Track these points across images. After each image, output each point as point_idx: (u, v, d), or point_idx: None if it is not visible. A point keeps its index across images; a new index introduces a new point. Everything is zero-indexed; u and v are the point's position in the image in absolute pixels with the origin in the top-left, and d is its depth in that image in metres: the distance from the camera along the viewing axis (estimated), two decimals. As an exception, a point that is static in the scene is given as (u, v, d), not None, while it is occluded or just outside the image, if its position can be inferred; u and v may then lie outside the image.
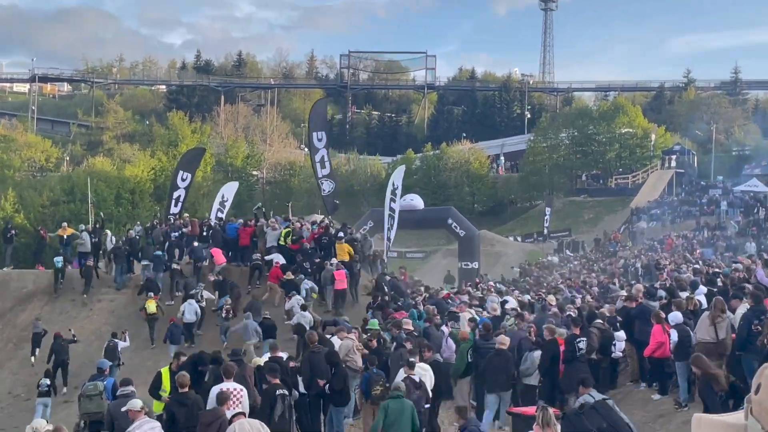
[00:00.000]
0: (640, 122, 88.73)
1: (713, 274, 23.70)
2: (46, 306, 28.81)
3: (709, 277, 22.64)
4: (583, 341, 16.15)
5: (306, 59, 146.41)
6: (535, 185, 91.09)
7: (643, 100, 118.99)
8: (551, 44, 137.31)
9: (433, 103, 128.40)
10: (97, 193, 59.63)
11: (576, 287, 32.55)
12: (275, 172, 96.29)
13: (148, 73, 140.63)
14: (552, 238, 68.22)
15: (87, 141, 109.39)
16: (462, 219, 48.38)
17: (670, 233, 55.13)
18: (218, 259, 29.93)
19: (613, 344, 17.50)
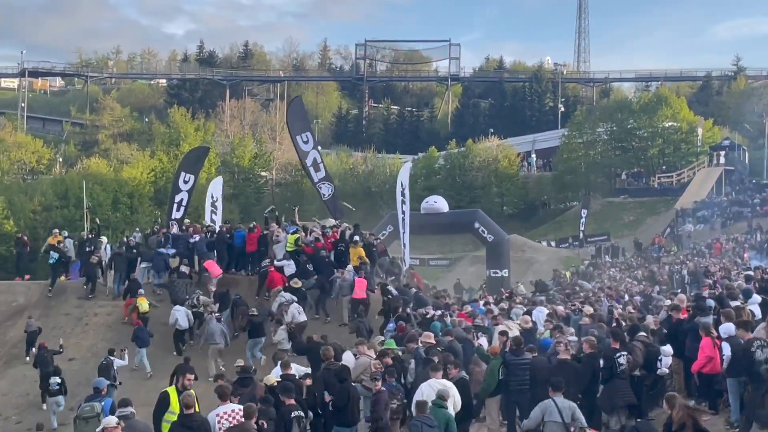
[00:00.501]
0: (685, 115, 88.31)
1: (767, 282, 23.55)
2: (38, 321, 28.86)
3: (763, 285, 22.50)
4: (624, 356, 16.07)
5: (318, 50, 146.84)
6: (570, 185, 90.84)
7: (688, 90, 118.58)
8: (586, 30, 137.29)
9: (458, 96, 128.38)
10: (92, 198, 59.95)
11: (615, 297, 32.42)
12: (285, 172, 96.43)
13: (146, 66, 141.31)
14: (589, 243, 67.99)
15: (81, 140, 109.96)
16: (490, 223, 48.26)
17: (718, 237, 54.88)
18: (213, 271, 30.03)
19: (659, 359, 17.39)
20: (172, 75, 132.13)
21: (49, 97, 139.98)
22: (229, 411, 12.74)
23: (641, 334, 17.75)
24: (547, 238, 75.96)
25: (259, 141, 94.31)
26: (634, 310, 26.11)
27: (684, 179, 80.00)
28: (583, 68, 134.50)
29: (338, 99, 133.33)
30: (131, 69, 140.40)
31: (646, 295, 32.59)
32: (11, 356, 28.69)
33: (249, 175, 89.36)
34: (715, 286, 26.52)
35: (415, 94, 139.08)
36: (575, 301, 29.53)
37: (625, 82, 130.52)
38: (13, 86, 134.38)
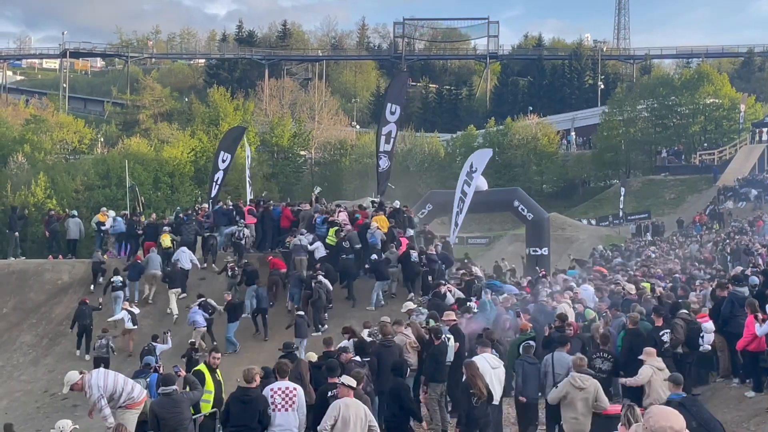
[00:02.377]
0: (727, 92, 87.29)
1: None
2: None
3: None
4: (667, 333, 15.98)
5: (357, 28, 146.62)
6: (610, 163, 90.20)
7: (730, 67, 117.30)
8: (626, 7, 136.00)
9: (497, 74, 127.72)
10: (134, 177, 60.35)
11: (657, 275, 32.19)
12: (324, 151, 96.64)
13: (186, 46, 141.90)
14: (629, 221, 67.56)
15: (122, 120, 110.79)
16: (529, 201, 47.91)
17: (761, 214, 54.26)
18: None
19: (701, 336, 17.26)
20: (211, 55, 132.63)
21: (90, 77, 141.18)
22: (283, 387, 12.73)
23: (683, 312, 17.64)
24: (587, 216, 75.56)
25: (298, 120, 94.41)
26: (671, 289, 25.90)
27: (726, 156, 79.14)
28: (624, 45, 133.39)
29: (376, 78, 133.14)
30: (171, 49, 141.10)
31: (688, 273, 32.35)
32: (57, 333, 29.11)
33: (288, 154, 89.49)
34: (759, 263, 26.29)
35: (454, 72, 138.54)
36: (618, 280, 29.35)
37: (666, 59, 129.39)
38: (55, 67, 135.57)
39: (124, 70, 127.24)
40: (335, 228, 30.09)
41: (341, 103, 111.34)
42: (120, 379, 13.89)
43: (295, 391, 12.69)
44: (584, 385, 12.85)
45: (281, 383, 12.83)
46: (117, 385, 13.60)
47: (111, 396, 13.40)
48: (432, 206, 44.12)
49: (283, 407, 12.49)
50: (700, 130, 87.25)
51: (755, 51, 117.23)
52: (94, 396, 13.33)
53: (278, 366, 13.36)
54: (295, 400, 12.61)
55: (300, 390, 12.81)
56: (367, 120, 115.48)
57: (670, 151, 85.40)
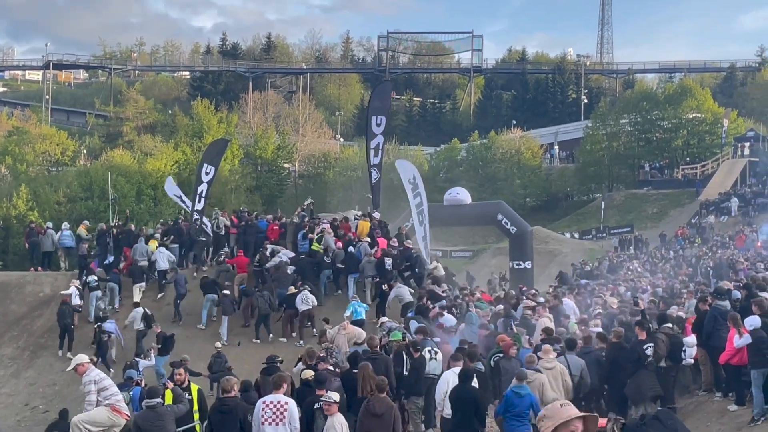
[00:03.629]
0: (710, 106, 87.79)
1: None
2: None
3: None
4: (651, 347, 16.03)
5: (341, 41, 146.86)
6: (593, 177, 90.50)
7: (713, 82, 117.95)
8: (610, 21, 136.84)
9: (480, 87, 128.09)
10: (117, 189, 60.15)
11: (640, 288, 32.31)
12: (308, 164, 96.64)
13: (170, 58, 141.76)
14: (613, 235, 67.78)
15: (105, 132, 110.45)
16: (513, 214, 48.04)
17: (743, 228, 54.51)
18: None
19: (683, 350, 17.33)
20: (195, 67, 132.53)
21: (73, 89, 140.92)
22: (275, 401, 12.65)
23: (666, 326, 17.72)
24: (570, 230, 75.75)
25: (282, 133, 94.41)
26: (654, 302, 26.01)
27: (708, 171, 79.48)
28: (607, 59, 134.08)
29: (360, 91, 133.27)
30: (155, 61, 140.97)
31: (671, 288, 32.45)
32: (38, 346, 28.94)
33: (272, 166, 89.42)
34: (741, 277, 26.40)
35: (438, 86, 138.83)
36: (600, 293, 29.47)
37: (649, 74, 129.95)
38: (38, 78, 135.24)
39: (108, 82, 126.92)
40: (320, 235, 30.18)
41: (325, 116, 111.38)
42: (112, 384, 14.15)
43: (286, 405, 12.62)
44: (530, 378, 14.13)
45: (274, 396, 12.79)
46: (109, 385, 13.79)
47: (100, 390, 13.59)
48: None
49: (273, 421, 12.43)
50: (682, 145, 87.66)
51: (737, 66, 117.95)
52: (89, 382, 13.64)
53: (275, 378, 13.36)
54: (286, 414, 12.54)
55: (292, 404, 12.72)
56: (351, 133, 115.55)
57: (653, 165, 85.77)
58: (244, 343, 27.00)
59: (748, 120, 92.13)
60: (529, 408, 13.27)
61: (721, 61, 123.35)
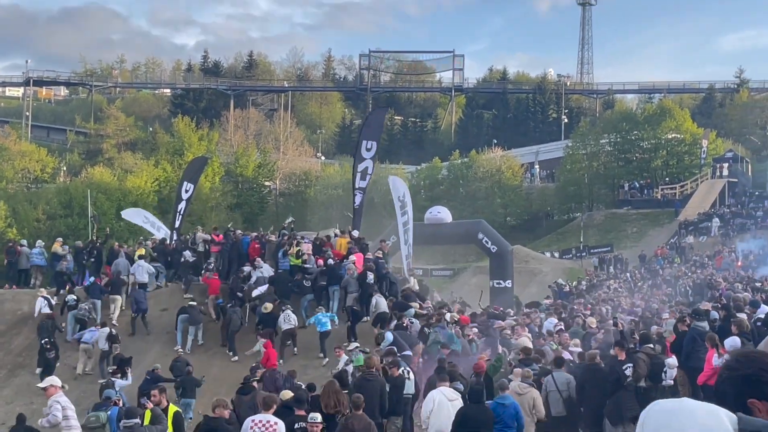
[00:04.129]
0: (689, 127, 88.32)
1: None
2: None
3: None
4: (630, 368, 16.06)
5: (322, 60, 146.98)
6: (574, 196, 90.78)
7: (692, 102, 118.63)
8: (590, 42, 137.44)
9: (461, 106, 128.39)
10: (96, 207, 59.95)
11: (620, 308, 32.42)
12: (289, 182, 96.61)
13: (151, 75, 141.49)
14: (593, 254, 67.97)
15: (85, 149, 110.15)
16: (493, 233, 48.14)
17: (721, 248, 54.82)
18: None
19: (664, 371, 17.37)
20: (176, 84, 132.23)
21: (53, 106, 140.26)
22: (264, 420, 12.70)
23: (647, 346, 17.76)
24: (550, 249, 75.88)
25: (263, 151, 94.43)
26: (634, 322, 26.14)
27: (687, 191, 79.90)
28: (587, 80, 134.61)
29: (342, 109, 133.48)
30: (136, 78, 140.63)
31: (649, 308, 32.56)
32: (16, 365, 28.70)
33: (253, 184, 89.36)
34: (720, 297, 26.51)
35: (419, 105, 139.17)
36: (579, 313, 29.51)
37: (628, 94, 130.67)
38: (18, 95, 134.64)
39: (88, 98, 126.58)
40: (298, 249, 30.19)
41: (306, 134, 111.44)
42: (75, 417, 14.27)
43: (275, 426, 12.64)
44: (523, 392, 14.41)
45: (263, 416, 12.81)
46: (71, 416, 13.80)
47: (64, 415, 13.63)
48: (396, 238, 44.13)
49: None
50: (662, 165, 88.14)
51: (716, 87, 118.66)
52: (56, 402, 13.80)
53: (266, 399, 13.38)
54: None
55: (281, 425, 12.74)
56: (333, 151, 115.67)
57: (632, 185, 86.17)
58: (223, 361, 26.90)
59: (726, 141, 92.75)
60: (513, 418, 13.29)
61: (700, 82, 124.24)
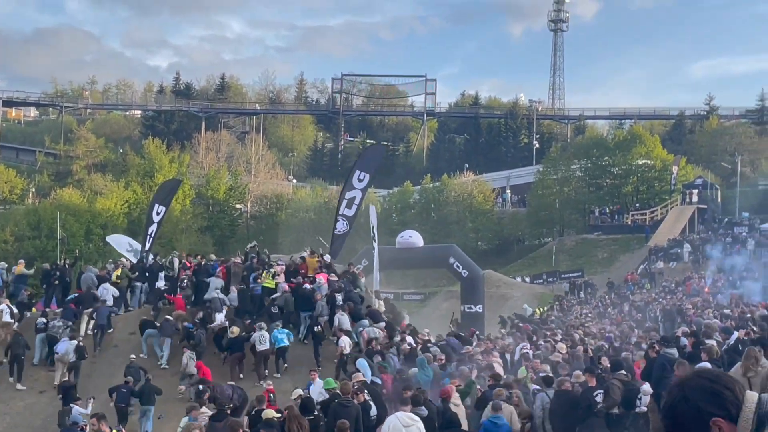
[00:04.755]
0: (659, 153, 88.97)
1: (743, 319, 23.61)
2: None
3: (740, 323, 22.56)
4: (600, 394, 16.01)
5: (295, 83, 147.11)
6: (545, 221, 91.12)
7: (662, 129, 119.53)
8: (561, 68, 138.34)
9: (433, 131, 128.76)
10: (65, 228, 59.51)
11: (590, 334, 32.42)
12: (260, 205, 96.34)
13: (122, 97, 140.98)
14: (563, 279, 68.14)
15: (55, 171, 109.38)
16: (465, 258, 48.22)
17: (691, 275, 55.07)
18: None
19: (639, 398, 17.32)
20: (147, 106, 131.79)
21: (23, 126, 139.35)
22: None
23: (621, 372, 17.71)
24: (521, 273, 76.01)
25: (234, 173, 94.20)
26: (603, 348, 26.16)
27: (657, 217, 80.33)
28: (558, 105, 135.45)
29: (314, 132, 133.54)
30: (107, 100, 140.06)
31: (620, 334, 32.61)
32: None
33: (224, 207, 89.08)
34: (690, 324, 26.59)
35: (391, 129, 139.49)
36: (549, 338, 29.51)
37: (599, 120, 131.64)
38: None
39: (59, 119, 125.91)
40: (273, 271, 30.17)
41: (278, 156, 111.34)
42: None
43: None
44: None
45: None
46: None
47: None
48: (367, 262, 44.11)
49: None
50: (632, 191, 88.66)
51: (686, 114, 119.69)
52: None
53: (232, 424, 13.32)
54: None
55: None
56: (304, 174, 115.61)
57: (602, 211, 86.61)
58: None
59: (696, 167, 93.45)
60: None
61: (671, 109, 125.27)
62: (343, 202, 36.38)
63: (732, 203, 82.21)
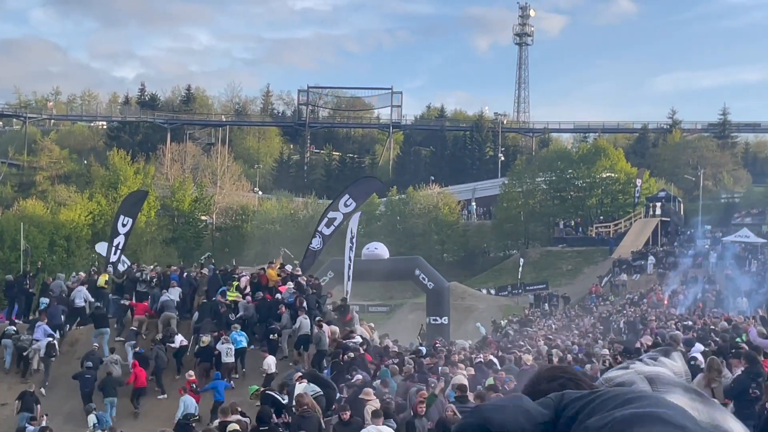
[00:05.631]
0: (623, 166, 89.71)
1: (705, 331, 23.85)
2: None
3: (701, 335, 22.79)
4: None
5: (261, 95, 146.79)
6: (510, 233, 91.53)
7: (626, 142, 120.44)
8: (526, 81, 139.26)
9: (399, 143, 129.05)
10: (29, 240, 59.03)
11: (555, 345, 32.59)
12: (226, 217, 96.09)
13: (87, 108, 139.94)
14: (528, 291, 68.43)
15: (18, 182, 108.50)
16: (430, 270, 48.37)
17: (654, 286, 55.55)
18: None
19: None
20: (112, 117, 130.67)
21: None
22: None
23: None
24: (486, 285, 76.26)
25: (200, 185, 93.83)
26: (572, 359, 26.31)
27: (621, 229, 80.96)
28: (523, 118, 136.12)
29: (280, 144, 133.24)
30: (71, 111, 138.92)
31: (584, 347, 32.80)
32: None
33: (189, 219, 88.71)
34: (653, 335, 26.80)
35: (357, 141, 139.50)
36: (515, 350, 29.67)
37: (564, 133, 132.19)
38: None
39: (22, 130, 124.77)
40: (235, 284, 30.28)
41: (244, 168, 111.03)
42: None
43: None
44: None
45: None
46: None
47: None
48: (333, 273, 44.22)
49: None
50: (596, 203, 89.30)
51: (649, 127, 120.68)
52: None
53: None
54: None
55: None
56: (270, 186, 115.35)
57: (567, 223, 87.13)
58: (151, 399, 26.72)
59: (659, 180, 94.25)
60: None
61: (634, 122, 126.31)
62: (324, 219, 36.97)
63: (695, 216, 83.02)
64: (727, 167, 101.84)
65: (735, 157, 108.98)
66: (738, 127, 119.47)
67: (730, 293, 49.97)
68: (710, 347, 19.78)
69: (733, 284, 52.35)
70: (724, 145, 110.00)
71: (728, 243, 64.03)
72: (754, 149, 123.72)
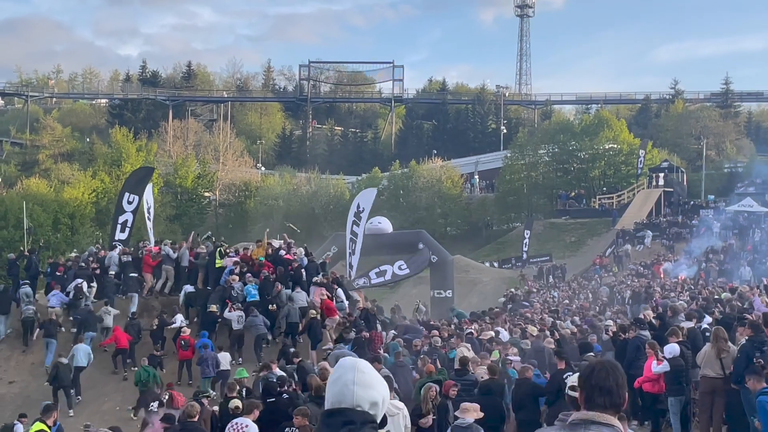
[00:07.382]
0: (626, 137, 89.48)
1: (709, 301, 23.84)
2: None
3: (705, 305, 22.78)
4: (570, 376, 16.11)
5: (262, 70, 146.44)
6: (513, 206, 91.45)
7: (628, 113, 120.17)
8: (528, 53, 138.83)
9: (401, 117, 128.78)
10: (32, 218, 59.03)
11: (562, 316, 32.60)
12: (229, 193, 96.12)
13: (88, 85, 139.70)
14: (532, 264, 68.41)
15: (21, 161, 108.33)
16: (434, 243, 48.40)
17: (658, 257, 55.51)
18: None
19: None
20: (114, 95, 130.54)
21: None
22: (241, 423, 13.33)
23: (589, 354, 17.84)
24: (490, 258, 76.19)
25: (202, 161, 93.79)
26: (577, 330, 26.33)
27: (624, 200, 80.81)
28: (525, 91, 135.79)
29: (282, 119, 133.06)
30: (73, 89, 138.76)
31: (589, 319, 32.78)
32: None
33: (192, 195, 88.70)
34: (656, 306, 26.80)
35: (359, 115, 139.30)
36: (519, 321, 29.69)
37: (566, 105, 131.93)
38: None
39: (24, 109, 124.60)
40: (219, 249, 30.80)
41: (246, 144, 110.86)
42: None
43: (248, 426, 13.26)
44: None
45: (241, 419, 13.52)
46: None
47: None
48: (337, 248, 44.25)
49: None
50: (599, 175, 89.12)
51: (652, 98, 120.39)
52: None
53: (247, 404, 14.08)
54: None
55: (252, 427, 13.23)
56: (272, 162, 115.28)
57: (570, 195, 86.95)
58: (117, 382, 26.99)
59: (662, 151, 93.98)
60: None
61: (636, 93, 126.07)
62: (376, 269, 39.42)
63: (698, 186, 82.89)
64: (730, 137, 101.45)
65: (738, 126, 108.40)
66: (741, 96, 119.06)
67: (734, 263, 49.88)
68: (714, 316, 19.78)
69: (736, 254, 52.27)
70: (726, 114, 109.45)
71: (732, 212, 63.89)
72: (757, 118, 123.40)
